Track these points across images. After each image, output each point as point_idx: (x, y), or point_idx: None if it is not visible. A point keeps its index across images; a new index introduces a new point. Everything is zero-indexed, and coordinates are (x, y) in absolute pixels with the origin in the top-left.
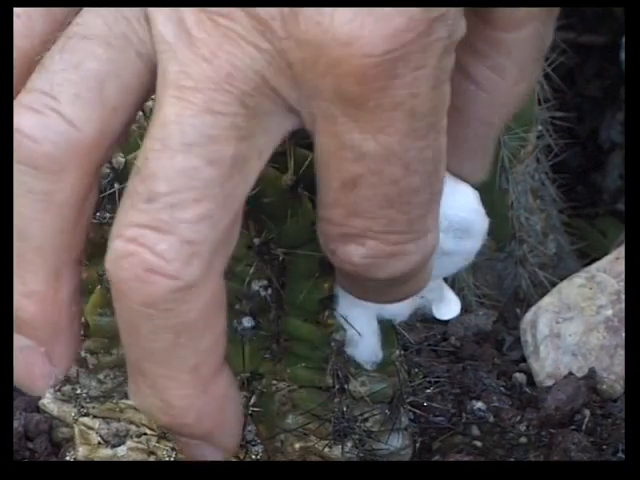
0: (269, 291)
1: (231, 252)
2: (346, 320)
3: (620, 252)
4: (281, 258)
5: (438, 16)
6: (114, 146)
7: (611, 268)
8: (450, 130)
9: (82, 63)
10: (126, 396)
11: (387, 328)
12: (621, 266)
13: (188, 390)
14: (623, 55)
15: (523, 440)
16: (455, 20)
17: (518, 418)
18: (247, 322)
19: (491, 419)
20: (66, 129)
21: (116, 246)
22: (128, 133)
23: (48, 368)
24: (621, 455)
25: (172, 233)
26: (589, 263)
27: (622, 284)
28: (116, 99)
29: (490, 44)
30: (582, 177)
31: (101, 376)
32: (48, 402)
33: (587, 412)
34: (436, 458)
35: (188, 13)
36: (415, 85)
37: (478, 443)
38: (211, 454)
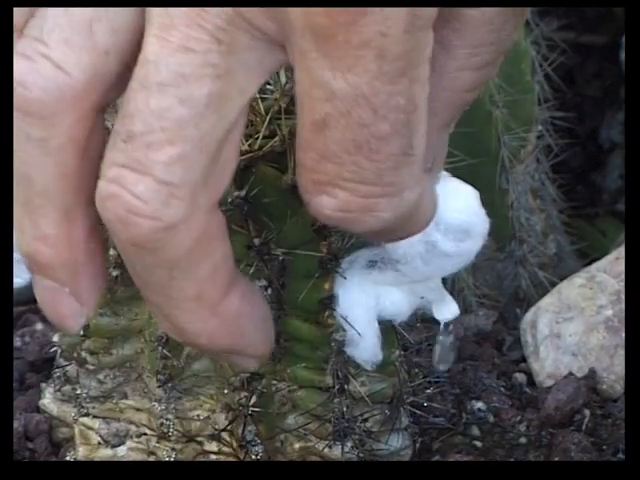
0: (269, 291)
1: (222, 188)
2: (346, 320)
3: (620, 252)
4: (281, 258)
5: None
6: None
7: (611, 268)
8: None
9: (71, 7)
10: (126, 396)
11: (387, 328)
12: (621, 266)
13: (195, 316)
14: (623, 55)
15: (523, 440)
16: None
17: (518, 418)
18: None
19: (491, 419)
20: (55, 74)
21: (100, 186)
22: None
23: (75, 307)
24: (621, 455)
25: (148, 174)
26: (589, 263)
27: (622, 284)
28: (107, 42)
29: (444, 17)
30: (582, 177)
31: (101, 376)
32: (48, 402)
33: (587, 412)
34: (436, 458)
35: None
36: (385, 24)
37: (478, 443)
38: (242, 362)
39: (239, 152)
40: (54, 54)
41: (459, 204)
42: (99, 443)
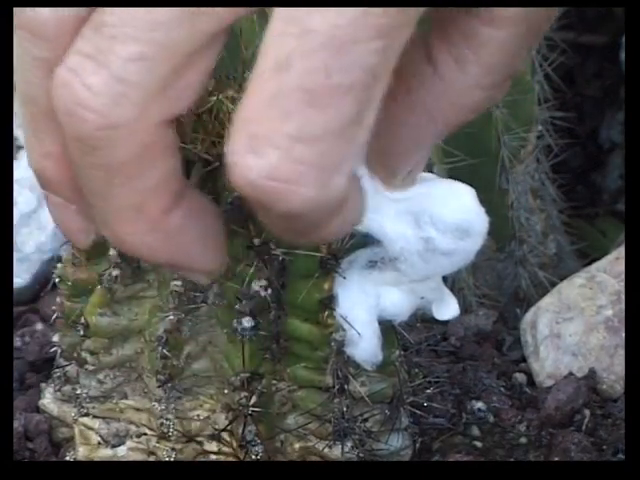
0: (269, 291)
1: (178, 107)
2: (346, 320)
3: (620, 252)
4: (281, 258)
5: None
6: None
7: (611, 268)
8: (393, 112)
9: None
10: (126, 396)
11: (387, 328)
12: (621, 266)
13: (135, 227)
14: (623, 55)
15: (523, 440)
16: None
17: (518, 418)
18: (247, 322)
19: (491, 419)
20: None
21: (56, 73)
22: None
23: (83, 223)
24: (621, 455)
25: (106, 66)
26: (589, 263)
27: (622, 284)
28: None
29: (462, 32)
30: (582, 177)
31: (101, 376)
32: (48, 402)
33: (587, 412)
34: (436, 458)
35: None
36: None
37: (478, 443)
38: (190, 276)
39: (204, 83)
40: None
41: (456, 203)
42: (99, 443)
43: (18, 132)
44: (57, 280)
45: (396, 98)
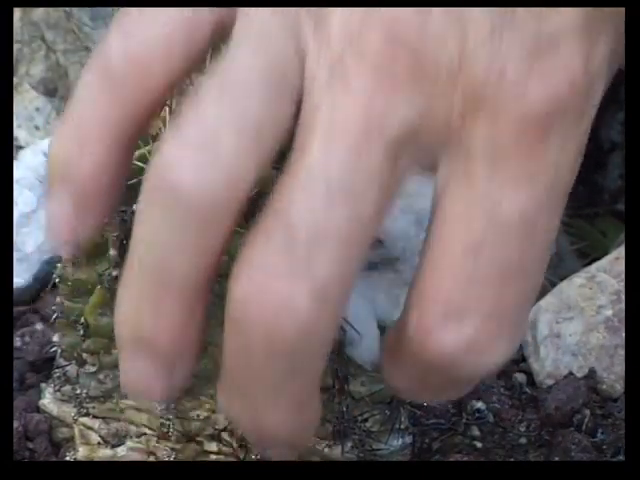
0: None
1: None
2: (346, 320)
3: (620, 252)
4: None
5: (598, 73)
6: None
7: (611, 268)
8: None
9: (245, 109)
10: (126, 396)
11: (387, 328)
12: (621, 266)
13: (288, 415)
14: None
15: (523, 440)
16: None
17: (518, 418)
18: None
19: (491, 419)
20: (227, 179)
21: (246, 288)
22: None
23: (168, 383)
24: (621, 456)
25: (304, 279)
26: (589, 263)
27: (622, 284)
28: (271, 142)
29: None
30: (582, 177)
31: (101, 376)
32: (48, 402)
33: (587, 412)
34: (436, 458)
35: (350, 60)
36: (563, 151)
37: (478, 443)
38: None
39: None
40: (224, 157)
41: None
42: (99, 443)
43: (18, 132)
44: (57, 280)
45: None
